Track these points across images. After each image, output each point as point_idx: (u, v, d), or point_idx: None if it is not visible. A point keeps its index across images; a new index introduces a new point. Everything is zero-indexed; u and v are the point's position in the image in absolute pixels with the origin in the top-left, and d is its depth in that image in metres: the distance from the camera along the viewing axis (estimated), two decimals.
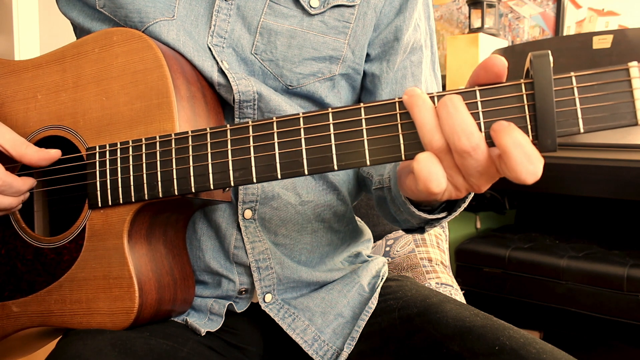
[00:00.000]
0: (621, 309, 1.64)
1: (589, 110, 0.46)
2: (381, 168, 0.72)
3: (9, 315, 0.69)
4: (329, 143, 0.53)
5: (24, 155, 0.65)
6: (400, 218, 0.67)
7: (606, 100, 0.46)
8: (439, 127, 0.48)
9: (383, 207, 0.71)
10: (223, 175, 0.57)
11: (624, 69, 0.45)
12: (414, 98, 0.49)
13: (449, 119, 0.47)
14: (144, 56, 0.63)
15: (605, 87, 0.46)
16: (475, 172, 0.48)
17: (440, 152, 0.48)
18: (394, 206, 0.66)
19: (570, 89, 0.46)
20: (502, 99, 0.48)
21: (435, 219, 0.62)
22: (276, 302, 0.73)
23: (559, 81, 0.46)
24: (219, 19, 0.70)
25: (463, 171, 0.49)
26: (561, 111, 0.46)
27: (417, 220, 0.64)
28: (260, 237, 0.71)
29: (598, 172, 1.57)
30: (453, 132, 0.47)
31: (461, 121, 0.46)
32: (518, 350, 0.58)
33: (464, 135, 0.46)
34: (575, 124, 0.46)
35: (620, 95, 0.46)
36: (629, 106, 0.45)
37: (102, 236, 0.64)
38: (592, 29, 2.17)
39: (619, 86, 0.46)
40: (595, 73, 0.46)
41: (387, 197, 0.68)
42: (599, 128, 0.46)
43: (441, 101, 0.48)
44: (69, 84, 0.68)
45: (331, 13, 0.73)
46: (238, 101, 0.68)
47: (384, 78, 0.76)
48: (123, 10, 0.68)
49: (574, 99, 0.46)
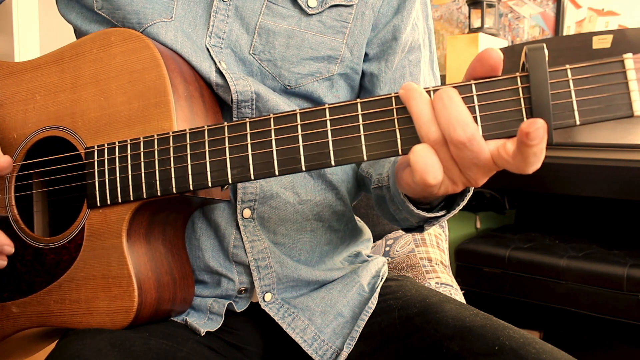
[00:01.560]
0: (621, 309, 1.64)
1: (585, 103, 0.46)
2: (380, 167, 0.72)
3: (8, 316, 0.69)
4: (326, 139, 0.53)
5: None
6: (399, 217, 0.67)
7: (602, 92, 0.46)
8: (434, 119, 0.48)
9: (382, 207, 0.71)
10: (221, 173, 0.57)
11: (619, 60, 0.46)
12: (410, 91, 0.49)
13: (444, 110, 0.47)
14: (142, 56, 0.63)
15: (600, 79, 0.46)
16: (471, 164, 0.48)
17: (437, 144, 0.48)
18: (393, 205, 0.66)
19: (566, 82, 0.46)
20: (498, 92, 0.48)
21: (434, 217, 0.62)
22: (276, 302, 0.73)
23: (555, 74, 0.47)
24: (217, 19, 0.70)
25: (459, 163, 0.49)
26: (557, 104, 0.47)
27: (416, 219, 0.64)
28: (259, 236, 0.71)
29: (598, 172, 1.57)
30: (448, 124, 0.47)
31: (456, 112, 0.47)
32: (518, 350, 0.58)
33: (459, 126, 0.46)
34: (571, 116, 0.46)
35: (615, 87, 0.46)
36: (624, 97, 0.46)
37: (101, 236, 0.64)
38: (592, 29, 2.17)
39: (614, 78, 0.46)
40: (591, 65, 0.46)
41: (385, 196, 0.68)
42: (595, 120, 0.47)
43: (437, 93, 0.48)
44: (67, 84, 0.68)
45: (329, 13, 0.73)
46: (236, 101, 0.68)
47: (383, 77, 0.77)
48: (121, 12, 0.69)
49: (570, 91, 0.46)
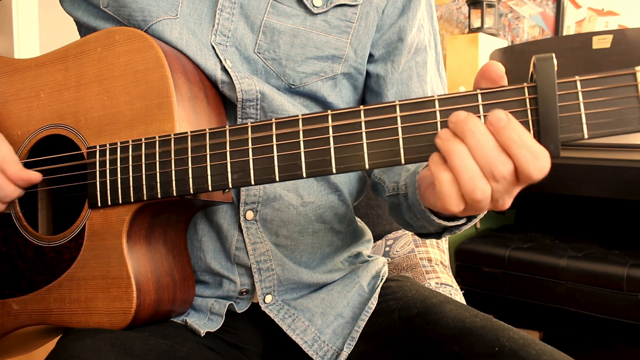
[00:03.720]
0: (621, 309, 1.64)
1: (594, 116, 0.45)
2: (395, 175, 0.72)
3: (9, 312, 0.69)
4: (328, 146, 0.52)
5: (6, 171, 0.66)
6: (416, 224, 0.66)
7: (612, 106, 0.45)
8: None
9: (397, 213, 0.71)
10: (221, 177, 0.57)
11: (631, 73, 0.44)
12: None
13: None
14: (146, 56, 0.63)
15: (610, 92, 0.45)
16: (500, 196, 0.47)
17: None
18: (410, 213, 0.65)
19: (575, 94, 0.45)
20: (504, 102, 0.47)
21: (455, 226, 0.62)
22: (276, 303, 0.72)
23: (563, 85, 0.45)
24: (222, 17, 0.70)
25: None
26: (565, 116, 0.45)
27: (435, 228, 0.63)
28: (261, 238, 0.71)
29: (598, 172, 1.57)
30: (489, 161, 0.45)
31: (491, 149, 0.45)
32: (517, 351, 0.58)
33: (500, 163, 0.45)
34: (580, 129, 0.45)
35: (626, 100, 0.44)
36: (635, 112, 0.44)
37: (102, 236, 0.64)
38: (591, 28, 2.16)
39: (625, 91, 0.44)
40: (601, 77, 0.45)
41: (402, 204, 0.68)
42: (604, 134, 0.45)
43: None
44: (71, 82, 0.68)
45: (334, 12, 0.73)
46: (241, 100, 0.68)
47: (389, 79, 0.77)
48: (126, 9, 0.68)
49: (579, 104, 0.45)
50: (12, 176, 0.66)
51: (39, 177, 0.67)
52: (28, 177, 0.67)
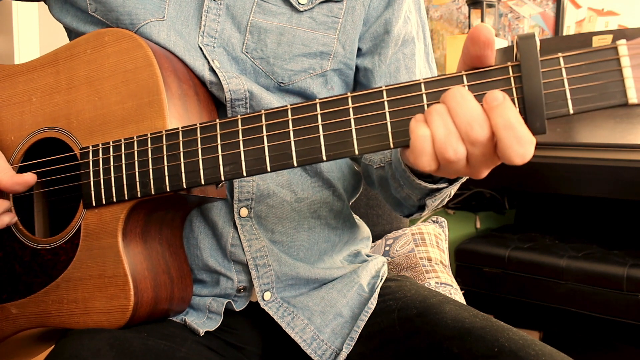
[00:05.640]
0: (621, 309, 1.63)
1: (578, 91, 0.46)
2: (383, 153, 0.72)
3: (7, 317, 0.69)
4: (317, 134, 0.53)
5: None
6: (401, 195, 0.67)
7: (595, 80, 0.45)
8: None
9: (384, 187, 0.71)
10: (213, 170, 0.57)
11: (613, 47, 0.45)
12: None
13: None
14: (135, 55, 0.64)
15: (593, 67, 0.45)
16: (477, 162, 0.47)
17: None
18: (395, 182, 0.66)
19: (558, 70, 0.46)
20: (489, 82, 0.48)
21: (436, 189, 0.62)
22: (275, 301, 0.72)
23: (547, 62, 0.46)
24: (209, 19, 0.70)
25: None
26: (549, 92, 0.46)
27: (418, 194, 0.63)
28: (257, 234, 0.71)
29: (598, 172, 1.57)
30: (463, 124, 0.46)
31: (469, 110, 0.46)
32: (517, 352, 0.58)
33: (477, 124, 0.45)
34: (564, 105, 0.46)
35: (609, 74, 0.45)
36: (618, 85, 0.45)
37: (97, 235, 0.64)
38: (591, 28, 2.17)
39: (608, 65, 0.45)
40: (583, 53, 0.45)
41: (388, 174, 0.68)
42: (589, 109, 0.46)
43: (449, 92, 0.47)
44: (62, 85, 0.68)
45: (320, 9, 0.73)
46: (230, 100, 0.68)
47: (377, 71, 0.77)
48: (114, 13, 0.69)
49: (562, 80, 0.46)
50: (7, 182, 0.66)
51: (33, 178, 0.67)
52: (23, 181, 0.67)
